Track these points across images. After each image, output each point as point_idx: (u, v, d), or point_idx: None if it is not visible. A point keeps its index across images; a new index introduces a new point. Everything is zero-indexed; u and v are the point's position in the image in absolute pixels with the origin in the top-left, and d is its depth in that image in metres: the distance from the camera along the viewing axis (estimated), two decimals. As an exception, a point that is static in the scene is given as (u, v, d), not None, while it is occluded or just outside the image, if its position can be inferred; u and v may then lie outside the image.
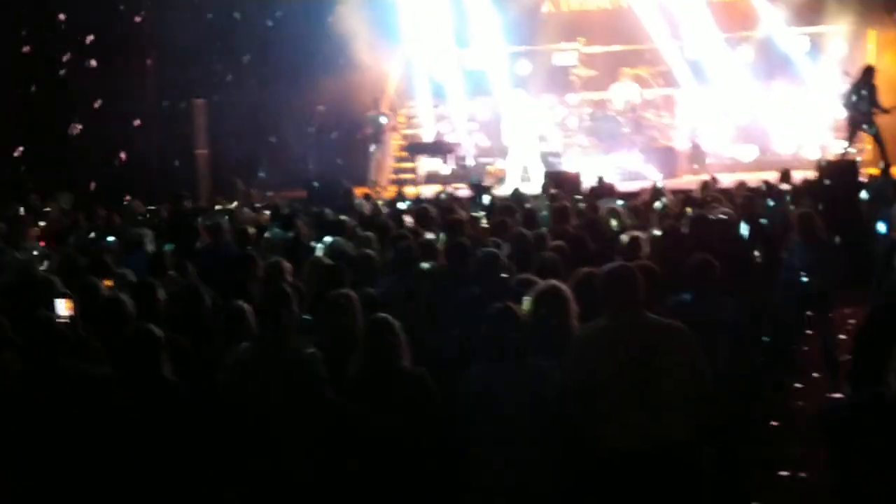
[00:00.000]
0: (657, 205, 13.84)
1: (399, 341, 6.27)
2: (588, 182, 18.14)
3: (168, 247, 11.32)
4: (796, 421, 9.92)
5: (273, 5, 23.79)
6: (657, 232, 10.75)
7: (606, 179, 17.56)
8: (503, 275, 8.24)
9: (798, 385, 10.99)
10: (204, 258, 10.68)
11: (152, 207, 16.99)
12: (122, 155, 22.00)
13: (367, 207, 16.05)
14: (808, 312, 11.24)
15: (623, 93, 23.76)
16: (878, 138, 19.26)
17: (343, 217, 12.66)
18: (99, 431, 6.02)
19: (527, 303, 6.48)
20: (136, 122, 22.29)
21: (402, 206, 15.81)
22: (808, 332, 11.57)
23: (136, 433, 5.99)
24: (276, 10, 23.82)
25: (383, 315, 6.42)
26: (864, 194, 15.41)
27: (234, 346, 6.63)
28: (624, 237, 10.01)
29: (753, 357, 8.30)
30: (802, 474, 8.52)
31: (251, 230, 12.16)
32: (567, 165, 21.50)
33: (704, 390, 6.00)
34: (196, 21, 22.21)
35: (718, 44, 23.65)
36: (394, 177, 24.13)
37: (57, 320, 6.82)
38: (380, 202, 17.55)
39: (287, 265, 9.01)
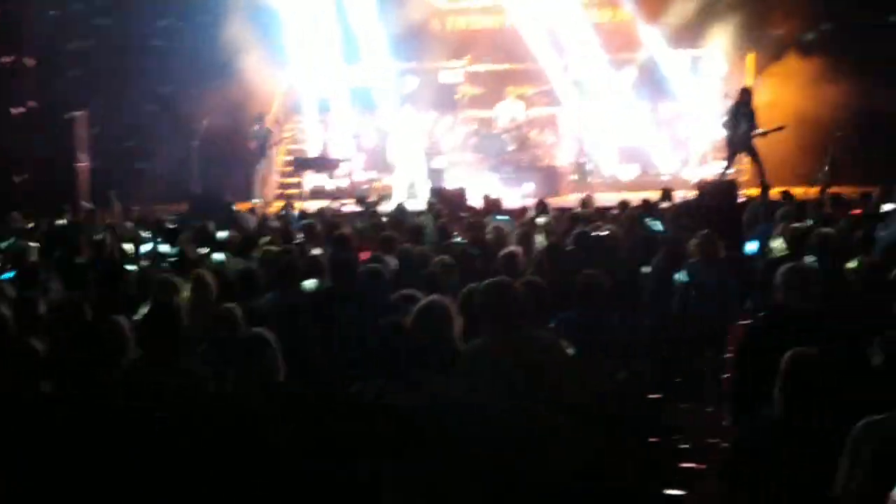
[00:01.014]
0: (540, 220, 13.93)
1: (275, 356, 6.14)
2: (473, 199, 18.24)
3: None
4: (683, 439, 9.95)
5: (159, 15, 23.48)
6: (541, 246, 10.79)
7: (492, 196, 17.62)
8: (386, 290, 8.22)
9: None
10: (85, 272, 10.49)
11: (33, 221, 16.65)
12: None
13: (251, 222, 15.91)
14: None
15: (508, 111, 23.88)
16: (756, 160, 19.56)
17: (225, 232, 12.55)
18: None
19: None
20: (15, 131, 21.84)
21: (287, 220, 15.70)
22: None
23: (11, 449, 5.86)
24: (162, 20, 23.51)
25: (258, 330, 6.29)
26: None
27: (116, 362, 6.47)
28: (501, 252, 9.94)
29: (642, 375, 8.29)
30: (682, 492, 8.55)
31: (129, 246, 12.02)
32: (452, 182, 21.53)
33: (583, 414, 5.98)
34: (79, 26, 21.88)
35: (602, 64, 23.94)
36: (279, 192, 23.95)
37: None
38: (266, 216, 17.43)
39: (177, 280, 8.91)
